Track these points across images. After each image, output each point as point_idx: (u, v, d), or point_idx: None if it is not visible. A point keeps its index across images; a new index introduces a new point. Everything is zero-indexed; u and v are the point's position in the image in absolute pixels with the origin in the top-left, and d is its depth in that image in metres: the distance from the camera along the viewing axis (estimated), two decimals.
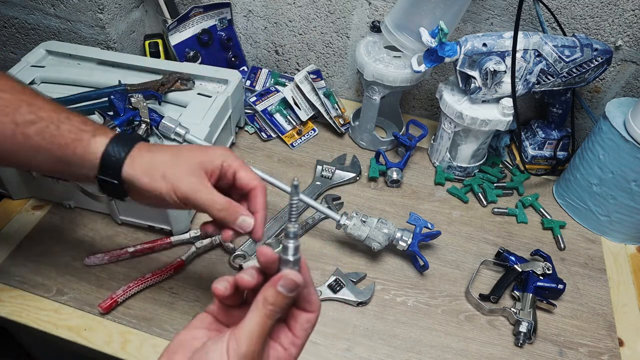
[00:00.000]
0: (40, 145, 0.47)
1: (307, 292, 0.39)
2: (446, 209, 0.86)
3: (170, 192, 0.47)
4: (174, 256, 0.72)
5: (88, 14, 0.94)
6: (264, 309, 0.36)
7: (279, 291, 0.36)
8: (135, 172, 0.48)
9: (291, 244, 0.37)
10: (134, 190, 0.49)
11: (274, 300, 0.36)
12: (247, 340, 0.35)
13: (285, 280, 0.36)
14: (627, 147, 0.74)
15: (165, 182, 0.47)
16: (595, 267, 0.79)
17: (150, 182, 0.47)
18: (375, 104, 0.88)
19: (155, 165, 0.48)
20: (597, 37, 0.85)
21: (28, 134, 0.47)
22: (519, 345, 0.67)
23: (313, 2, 0.95)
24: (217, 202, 0.48)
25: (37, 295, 0.67)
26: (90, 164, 0.48)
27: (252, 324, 0.36)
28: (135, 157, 0.48)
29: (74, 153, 0.47)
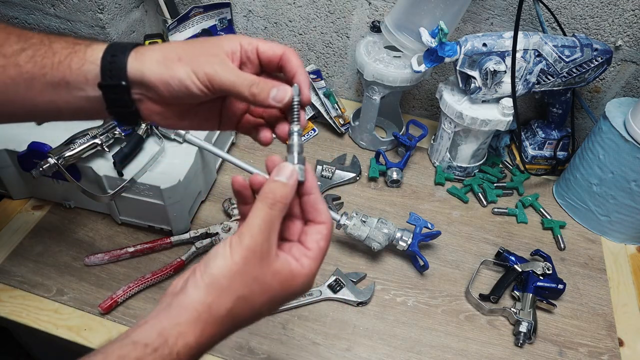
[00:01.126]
0: (32, 73, 0.41)
1: (313, 198, 0.40)
2: (446, 209, 0.86)
3: (191, 76, 0.40)
4: (174, 256, 0.72)
5: (88, 14, 0.94)
6: (264, 200, 0.36)
7: (275, 180, 0.37)
8: (143, 66, 0.40)
9: (295, 141, 0.38)
10: (147, 91, 0.42)
11: (270, 189, 0.37)
12: (249, 232, 0.35)
13: (280, 169, 0.37)
14: (627, 147, 0.74)
15: (183, 65, 0.40)
16: (595, 267, 0.79)
17: (165, 70, 0.40)
18: (375, 104, 0.88)
19: (168, 53, 0.41)
20: (597, 37, 0.84)
21: (18, 63, 0.41)
22: (519, 345, 0.67)
23: (313, 2, 0.95)
24: (246, 78, 0.40)
25: (37, 295, 0.67)
26: (90, 75, 0.41)
27: (254, 216, 0.36)
28: (141, 51, 0.41)
29: (69, 68, 0.41)
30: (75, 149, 0.67)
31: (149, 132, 0.74)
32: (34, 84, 0.42)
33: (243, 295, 0.36)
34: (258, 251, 0.35)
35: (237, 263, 0.35)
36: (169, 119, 0.44)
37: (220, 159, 0.88)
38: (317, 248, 0.39)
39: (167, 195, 0.69)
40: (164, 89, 0.41)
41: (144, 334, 0.34)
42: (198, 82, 0.40)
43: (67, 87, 0.42)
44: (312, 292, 0.70)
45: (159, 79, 0.40)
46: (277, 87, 0.41)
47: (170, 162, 0.73)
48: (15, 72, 0.42)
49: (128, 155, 0.70)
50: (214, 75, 0.40)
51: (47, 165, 0.65)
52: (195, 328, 0.34)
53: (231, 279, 0.35)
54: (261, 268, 0.36)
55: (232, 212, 0.79)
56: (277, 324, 0.67)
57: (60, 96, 0.43)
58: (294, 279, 0.38)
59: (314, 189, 0.39)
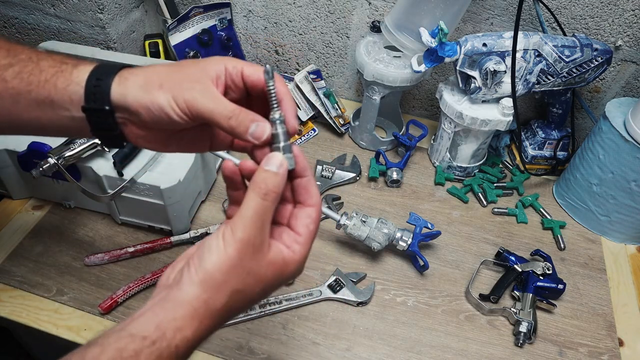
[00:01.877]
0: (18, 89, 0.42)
1: (306, 181, 0.40)
2: (446, 209, 0.86)
3: (171, 102, 0.39)
4: (174, 256, 0.72)
5: (88, 14, 0.94)
6: (256, 190, 0.36)
7: (266, 170, 0.37)
8: (127, 90, 0.40)
9: (279, 130, 0.37)
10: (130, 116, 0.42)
11: (263, 179, 0.36)
12: (241, 224, 0.35)
13: (269, 159, 0.37)
14: (627, 147, 0.74)
15: (164, 91, 0.40)
16: (595, 267, 0.79)
17: (145, 95, 0.40)
18: (375, 104, 0.88)
19: (151, 78, 0.40)
20: (597, 37, 0.84)
21: (5, 79, 0.42)
22: (519, 345, 0.67)
23: (313, 2, 0.95)
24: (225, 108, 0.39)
25: (37, 295, 0.67)
26: (75, 97, 0.41)
27: (246, 208, 0.36)
28: (125, 75, 0.41)
29: (55, 87, 0.41)
30: (75, 149, 0.67)
31: None
32: (19, 100, 0.42)
33: (238, 289, 0.36)
34: (251, 244, 0.35)
35: (231, 257, 0.35)
36: (153, 143, 0.44)
37: (220, 159, 0.88)
38: (307, 232, 0.39)
39: (167, 195, 0.69)
40: (145, 115, 0.40)
41: (141, 326, 0.34)
42: (177, 109, 0.39)
43: (52, 106, 0.42)
44: (312, 292, 0.70)
45: (140, 104, 0.40)
46: (257, 122, 0.39)
47: (170, 162, 0.73)
48: (1, 87, 0.42)
49: (128, 155, 0.70)
50: (193, 103, 0.39)
51: (47, 165, 0.65)
52: (192, 322, 0.34)
53: (226, 274, 0.35)
54: (255, 260, 0.36)
55: None
56: (277, 324, 0.67)
57: (45, 114, 0.43)
58: (286, 266, 0.38)
59: (305, 171, 0.39)
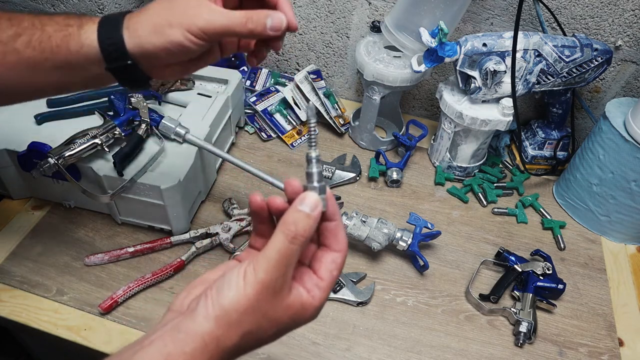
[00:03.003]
0: (34, 58, 0.43)
1: (334, 226, 0.38)
2: (446, 209, 0.86)
3: (187, 35, 0.42)
4: (174, 256, 0.72)
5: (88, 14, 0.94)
6: (285, 231, 0.34)
7: (299, 210, 0.35)
8: (140, 40, 0.43)
9: (315, 169, 0.36)
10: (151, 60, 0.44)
11: (294, 220, 0.34)
12: (265, 265, 0.34)
13: (304, 199, 0.35)
14: (627, 147, 0.74)
15: (175, 28, 0.42)
16: (595, 267, 0.79)
17: (160, 38, 0.42)
18: (375, 104, 0.88)
19: (155, 21, 0.43)
20: (597, 37, 0.84)
21: (17, 49, 0.42)
22: (519, 345, 0.67)
23: (313, 2, 0.95)
24: (238, 17, 0.42)
25: (37, 295, 0.67)
26: (92, 57, 0.43)
27: (272, 249, 0.34)
28: (130, 26, 0.43)
29: (69, 51, 0.43)
30: (75, 149, 0.67)
31: (149, 132, 0.74)
32: (37, 69, 0.43)
33: (252, 330, 0.35)
34: (272, 287, 0.34)
35: (249, 298, 0.34)
36: (178, 73, 0.47)
37: (220, 159, 0.88)
38: (329, 278, 0.38)
39: (167, 195, 0.69)
40: (166, 55, 0.43)
41: (150, 356, 0.33)
42: (194, 38, 0.42)
43: (72, 69, 0.44)
44: None
45: (159, 47, 0.42)
46: (270, 15, 0.42)
47: (170, 162, 0.72)
48: (15, 58, 0.43)
49: (128, 155, 0.70)
50: (207, 26, 0.42)
51: (47, 165, 0.65)
52: (201, 357, 0.34)
53: (242, 314, 0.34)
54: (273, 303, 0.35)
55: (232, 212, 0.78)
56: None
57: (66, 77, 0.44)
58: (304, 311, 0.37)
59: (335, 215, 0.38)
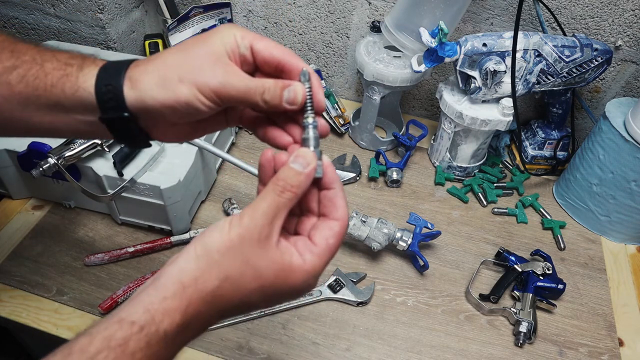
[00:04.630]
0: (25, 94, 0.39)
1: (332, 193, 0.37)
2: (446, 209, 0.86)
3: (197, 95, 0.36)
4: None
5: (88, 14, 0.94)
6: (273, 185, 0.34)
7: (290, 167, 0.35)
8: (141, 93, 0.37)
9: (311, 134, 0.35)
10: (152, 118, 0.39)
11: (284, 176, 0.34)
12: (251, 212, 0.34)
13: (297, 157, 0.35)
14: (627, 147, 0.74)
15: (186, 85, 0.36)
16: (595, 267, 0.79)
17: (166, 94, 0.37)
18: (375, 104, 0.88)
19: (163, 73, 0.37)
20: (597, 37, 0.84)
21: (10, 82, 0.39)
22: (519, 345, 0.67)
23: (313, 2, 0.95)
24: (256, 86, 0.37)
25: (37, 295, 0.67)
26: (87, 103, 0.39)
27: (261, 199, 0.34)
28: (133, 75, 0.38)
29: (63, 93, 0.39)
30: (75, 149, 0.67)
31: None
32: (28, 105, 0.40)
33: (232, 276, 0.34)
34: (256, 233, 0.34)
35: (232, 239, 0.33)
36: (181, 137, 0.43)
37: (220, 159, 0.88)
38: (324, 245, 0.37)
39: (167, 195, 0.69)
40: (171, 114, 0.38)
41: (131, 310, 0.32)
42: (206, 100, 0.37)
43: (65, 111, 0.40)
44: (312, 292, 0.70)
45: (163, 104, 0.37)
46: (288, 88, 0.37)
47: (170, 162, 0.72)
48: (6, 91, 0.40)
49: (128, 155, 0.70)
50: (222, 90, 0.36)
51: (47, 165, 0.65)
52: (180, 303, 0.33)
53: (223, 255, 0.33)
54: (256, 251, 0.34)
55: (232, 212, 0.79)
56: (277, 324, 0.67)
57: (58, 118, 0.41)
58: (292, 273, 0.35)
59: (334, 183, 0.37)
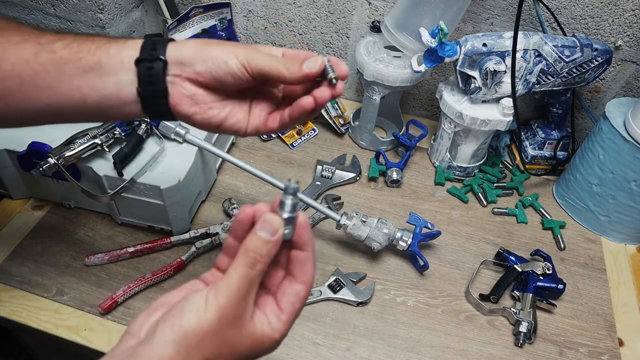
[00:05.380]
0: (67, 58, 0.42)
1: (304, 256, 0.38)
2: (446, 209, 0.86)
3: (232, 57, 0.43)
4: (174, 256, 0.72)
5: (88, 14, 0.94)
6: (245, 257, 0.34)
7: (258, 235, 0.35)
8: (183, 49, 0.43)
9: (289, 200, 0.35)
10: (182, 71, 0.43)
11: (254, 246, 0.34)
12: (226, 291, 0.34)
13: (264, 223, 0.35)
14: (627, 147, 0.74)
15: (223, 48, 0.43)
16: (595, 267, 0.79)
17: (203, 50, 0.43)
18: (375, 104, 0.88)
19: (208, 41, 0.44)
20: (597, 37, 0.85)
21: (53, 50, 0.42)
22: (519, 345, 0.67)
23: (313, 2, 0.95)
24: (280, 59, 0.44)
25: (37, 295, 0.67)
26: (126, 58, 0.43)
27: (233, 274, 0.34)
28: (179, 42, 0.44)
29: (107, 53, 0.43)
30: (75, 149, 0.67)
31: (149, 132, 0.74)
32: (64, 69, 0.42)
33: (210, 358, 0.34)
34: (232, 311, 0.34)
35: (210, 322, 0.33)
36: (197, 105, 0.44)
37: (221, 159, 0.88)
38: (291, 310, 0.38)
39: (167, 195, 0.69)
40: (201, 64, 0.42)
41: None
42: (238, 63, 0.42)
43: (99, 71, 0.42)
44: (312, 292, 0.70)
45: (198, 57, 0.42)
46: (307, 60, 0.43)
47: (170, 162, 0.72)
48: (47, 57, 0.42)
49: (128, 155, 0.70)
50: (253, 60, 0.43)
51: (47, 165, 0.65)
52: None
53: (202, 339, 0.33)
54: (234, 330, 0.35)
55: (232, 212, 0.79)
56: None
57: (89, 83, 0.43)
58: (263, 343, 0.37)
59: (307, 246, 0.38)
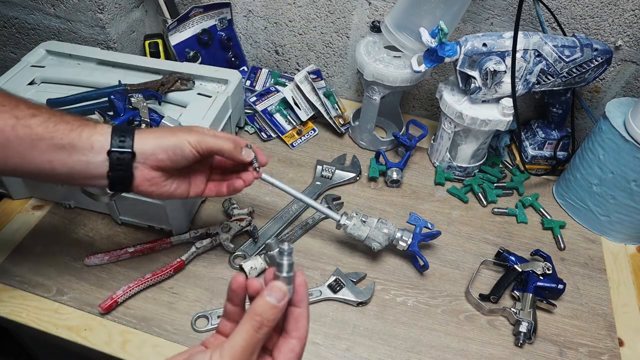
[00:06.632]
0: (42, 135, 0.47)
1: (298, 312, 0.39)
2: (446, 209, 0.86)
3: (185, 143, 0.52)
4: (174, 256, 0.72)
5: (88, 14, 0.94)
6: (251, 321, 0.36)
7: (266, 300, 0.36)
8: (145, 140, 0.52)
9: (285, 261, 0.38)
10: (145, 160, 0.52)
11: (261, 311, 0.36)
12: (230, 352, 0.35)
13: (272, 289, 0.37)
14: (627, 147, 0.74)
15: (177, 136, 0.53)
16: (595, 267, 0.79)
17: (162, 141, 0.52)
18: (375, 104, 0.88)
19: (163, 132, 0.54)
20: (597, 37, 0.85)
21: (30, 125, 0.47)
22: (519, 345, 0.67)
23: (313, 2, 0.95)
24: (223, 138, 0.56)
25: (37, 295, 0.67)
26: (97, 144, 0.50)
27: (238, 336, 0.35)
28: (140, 133, 0.52)
29: (79, 136, 0.49)
30: None
31: None
32: (38, 144, 0.47)
33: None
34: None
35: None
36: (159, 186, 0.54)
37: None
38: None
39: None
40: (161, 153, 0.52)
41: None
42: (191, 147, 0.53)
43: (71, 151, 0.48)
44: (312, 292, 0.70)
45: (159, 147, 0.52)
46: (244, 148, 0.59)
47: None
48: (24, 132, 0.46)
49: None
50: (201, 140, 0.53)
51: None
52: None
53: None
54: None
55: (232, 212, 0.79)
56: None
57: (59, 158, 0.48)
58: None
59: (303, 302, 0.39)
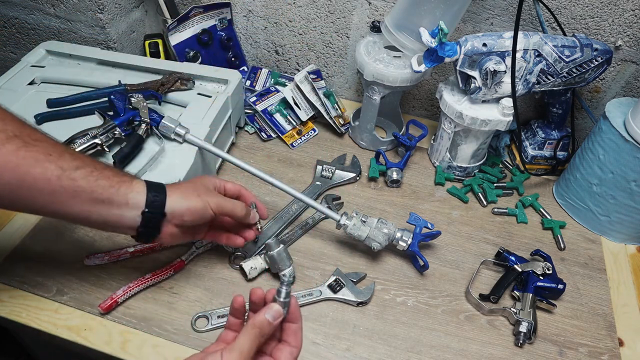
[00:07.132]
0: (84, 188, 0.51)
1: (295, 327, 0.50)
2: (446, 209, 0.86)
3: (206, 206, 0.59)
4: (174, 256, 0.72)
5: (88, 14, 0.94)
6: (252, 330, 0.46)
7: (265, 317, 0.47)
8: (173, 201, 0.57)
9: (284, 289, 0.49)
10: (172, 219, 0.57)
11: (260, 324, 0.47)
12: (238, 352, 0.44)
13: (271, 309, 0.48)
14: (627, 147, 0.74)
15: (201, 199, 0.59)
16: (595, 267, 0.79)
17: (188, 202, 0.58)
18: (375, 104, 0.88)
19: (187, 191, 0.59)
20: (597, 37, 0.85)
21: (74, 178, 0.50)
22: (519, 345, 0.67)
23: (313, 2, 0.95)
24: (237, 205, 0.63)
25: (37, 295, 0.67)
26: (132, 201, 0.54)
27: (243, 340, 0.45)
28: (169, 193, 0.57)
29: (117, 192, 0.53)
30: (76, 149, 0.67)
31: (149, 132, 0.74)
32: (79, 195, 0.51)
33: None
34: None
35: None
36: (176, 238, 0.60)
37: (220, 159, 0.88)
38: None
39: None
40: (187, 214, 0.58)
41: None
42: (210, 210, 0.59)
43: (109, 205, 0.53)
44: (312, 292, 0.70)
45: (185, 208, 0.58)
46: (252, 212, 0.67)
47: (170, 162, 0.73)
48: (68, 184, 0.50)
49: (128, 155, 0.70)
50: (219, 204, 0.60)
51: None
52: None
53: None
54: None
55: None
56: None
57: (96, 210, 0.52)
58: None
59: (298, 320, 0.50)
